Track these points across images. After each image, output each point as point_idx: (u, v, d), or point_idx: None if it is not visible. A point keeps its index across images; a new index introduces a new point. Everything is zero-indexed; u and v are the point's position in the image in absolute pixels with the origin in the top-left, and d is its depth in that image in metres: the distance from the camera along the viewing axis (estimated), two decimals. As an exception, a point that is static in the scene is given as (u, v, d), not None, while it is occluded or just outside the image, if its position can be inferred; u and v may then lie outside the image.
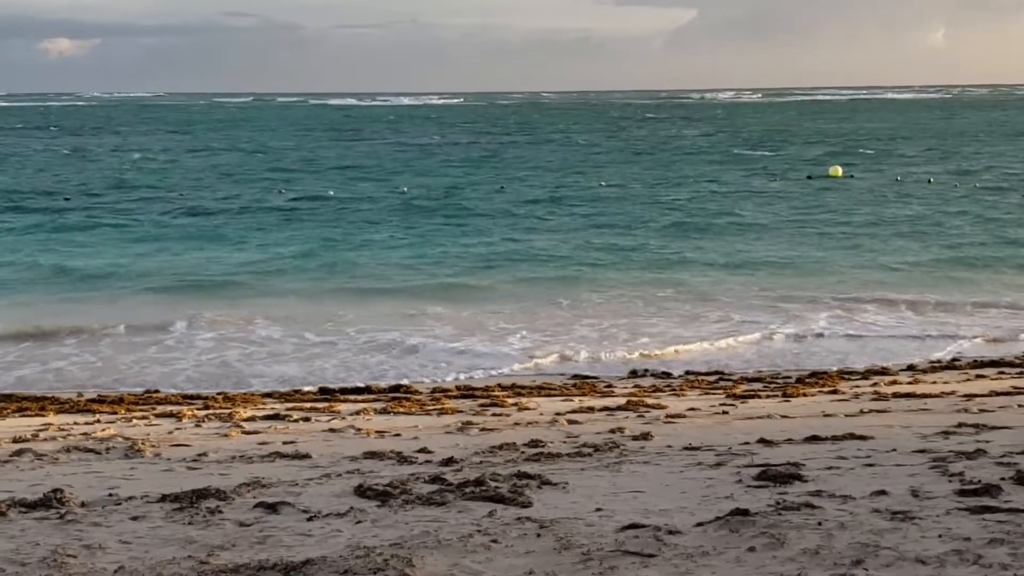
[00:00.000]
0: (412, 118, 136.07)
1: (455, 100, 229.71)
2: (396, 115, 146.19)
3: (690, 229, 37.30)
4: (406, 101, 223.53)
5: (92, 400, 16.13)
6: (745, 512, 7.24)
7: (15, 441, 12.05)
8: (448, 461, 10.05)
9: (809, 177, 54.92)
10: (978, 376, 17.29)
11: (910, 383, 16.75)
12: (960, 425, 11.84)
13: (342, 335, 21.93)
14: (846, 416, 13.27)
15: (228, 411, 14.77)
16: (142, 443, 11.59)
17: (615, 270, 29.33)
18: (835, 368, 18.64)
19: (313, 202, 45.65)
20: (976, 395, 14.75)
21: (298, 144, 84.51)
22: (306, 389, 17.29)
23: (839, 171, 55.56)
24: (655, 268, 29.65)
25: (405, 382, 17.86)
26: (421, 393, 16.87)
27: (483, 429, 12.79)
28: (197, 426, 13.54)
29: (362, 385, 17.64)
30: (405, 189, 49.24)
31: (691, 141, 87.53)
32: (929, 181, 51.96)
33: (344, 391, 17.06)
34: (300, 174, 58.38)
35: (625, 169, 60.40)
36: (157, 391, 17.33)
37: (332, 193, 48.07)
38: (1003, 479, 8.27)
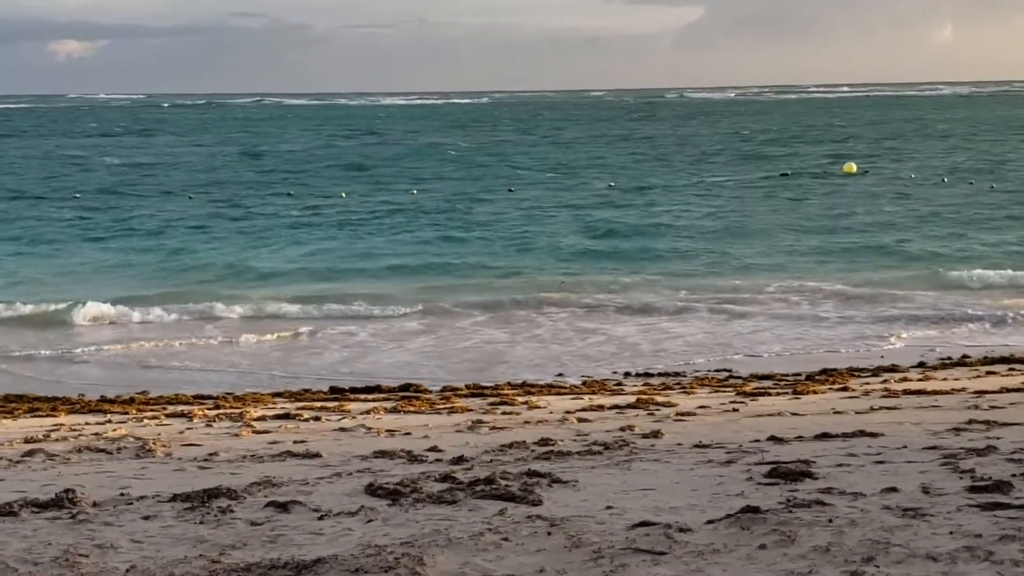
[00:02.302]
0: (422, 118, 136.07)
1: (464, 100, 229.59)
2: (405, 115, 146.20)
3: (694, 231, 37.09)
4: (416, 101, 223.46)
5: (103, 400, 16.18)
6: (756, 509, 7.25)
7: (27, 441, 12.09)
8: (458, 460, 10.07)
9: (823, 173, 54.73)
10: (988, 373, 17.26)
11: (920, 380, 16.73)
12: (971, 422, 11.82)
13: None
14: (856, 413, 13.26)
15: (239, 411, 14.80)
16: (153, 443, 11.63)
17: (621, 275, 29.15)
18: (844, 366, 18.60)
19: (324, 203, 45.81)
20: (987, 392, 14.73)
21: (307, 145, 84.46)
22: (316, 388, 17.33)
23: (853, 167, 55.16)
24: (658, 271, 29.51)
25: (414, 381, 17.87)
26: (431, 392, 16.89)
27: (493, 428, 12.80)
28: (208, 426, 13.58)
29: (372, 384, 17.65)
30: (415, 192, 49.29)
31: (701, 138, 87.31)
32: (943, 180, 51.59)
33: (354, 390, 17.09)
34: (310, 176, 58.39)
35: (632, 169, 60.23)
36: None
37: (344, 195, 48.21)
38: (1014, 475, 8.27)
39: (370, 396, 16.60)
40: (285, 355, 20.99)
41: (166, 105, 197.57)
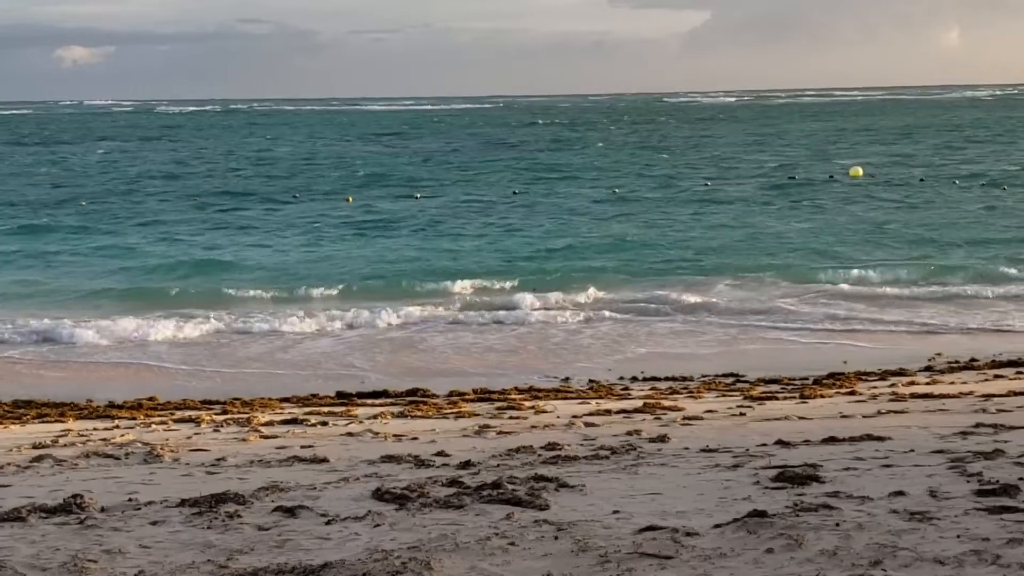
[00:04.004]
0: (428, 122, 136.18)
1: (470, 105, 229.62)
2: (411, 119, 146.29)
3: (694, 236, 36.73)
4: (425, 106, 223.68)
5: (111, 406, 16.20)
6: (763, 513, 7.25)
7: (35, 447, 12.13)
8: (465, 464, 10.08)
9: (831, 177, 54.63)
10: (996, 376, 17.22)
11: (928, 383, 16.70)
12: (978, 425, 11.81)
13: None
14: (864, 417, 13.25)
15: (246, 416, 14.82)
16: (161, 448, 11.65)
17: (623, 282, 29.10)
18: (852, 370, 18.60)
19: (327, 207, 45.96)
20: (994, 395, 14.71)
21: (313, 149, 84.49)
22: (323, 393, 17.35)
23: (859, 172, 54.97)
24: (660, 278, 29.46)
25: (422, 386, 17.88)
26: (438, 397, 16.90)
27: (500, 432, 12.81)
28: (215, 431, 13.60)
29: (379, 389, 17.67)
30: (418, 195, 49.44)
31: (708, 143, 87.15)
32: (954, 183, 51.43)
33: (361, 395, 17.10)
34: (315, 181, 58.45)
35: (639, 176, 59.99)
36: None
37: (351, 200, 48.32)
38: (1022, 479, 8.26)
39: (377, 401, 16.61)
40: (209, 351, 21.31)
41: (174, 111, 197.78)
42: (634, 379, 18.41)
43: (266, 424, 14.05)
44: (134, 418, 15.07)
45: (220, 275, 30.19)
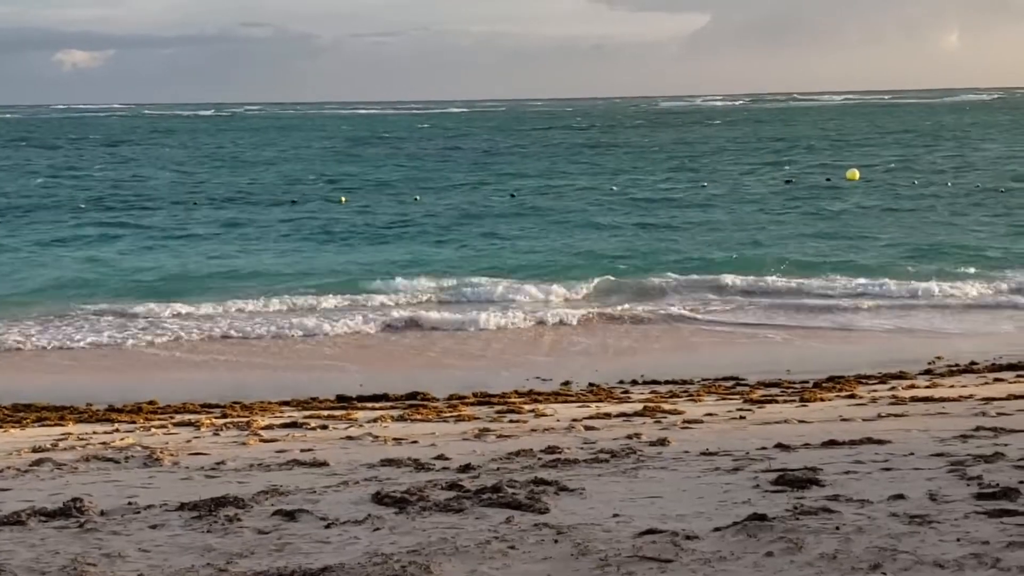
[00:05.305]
0: (429, 126, 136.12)
1: (470, 109, 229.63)
2: (412, 123, 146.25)
3: (692, 239, 36.83)
4: (427, 109, 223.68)
5: (111, 409, 16.20)
6: (763, 517, 7.25)
7: (35, 451, 12.12)
8: (465, 468, 10.07)
9: (828, 180, 54.80)
10: (996, 380, 17.23)
11: (928, 387, 16.71)
12: (978, 429, 11.80)
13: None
14: (864, 420, 13.24)
15: (246, 419, 14.82)
16: (161, 452, 11.64)
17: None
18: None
19: (320, 210, 46.06)
20: (994, 399, 14.70)
21: (312, 153, 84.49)
22: (323, 397, 17.36)
23: (856, 174, 55.21)
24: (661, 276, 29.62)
25: (421, 389, 17.88)
26: (438, 400, 16.90)
27: (500, 436, 12.81)
28: (215, 435, 13.59)
29: (379, 393, 17.67)
30: (417, 198, 49.50)
31: (708, 145, 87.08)
32: (948, 184, 51.54)
33: (361, 399, 17.11)
34: (312, 183, 58.49)
35: (638, 179, 59.97)
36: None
37: (344, 201, 48.38)
38: (1021, 482, 8.25)
39: (377, 404, 16.62)
40: (208, 354, 21.56)
41: (164, 114, 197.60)
42: (634, 382, 18.41)
43: (266, 428, 14.05)
44: (134, 422, 15.06)
45: (215, 280, 30.24)
